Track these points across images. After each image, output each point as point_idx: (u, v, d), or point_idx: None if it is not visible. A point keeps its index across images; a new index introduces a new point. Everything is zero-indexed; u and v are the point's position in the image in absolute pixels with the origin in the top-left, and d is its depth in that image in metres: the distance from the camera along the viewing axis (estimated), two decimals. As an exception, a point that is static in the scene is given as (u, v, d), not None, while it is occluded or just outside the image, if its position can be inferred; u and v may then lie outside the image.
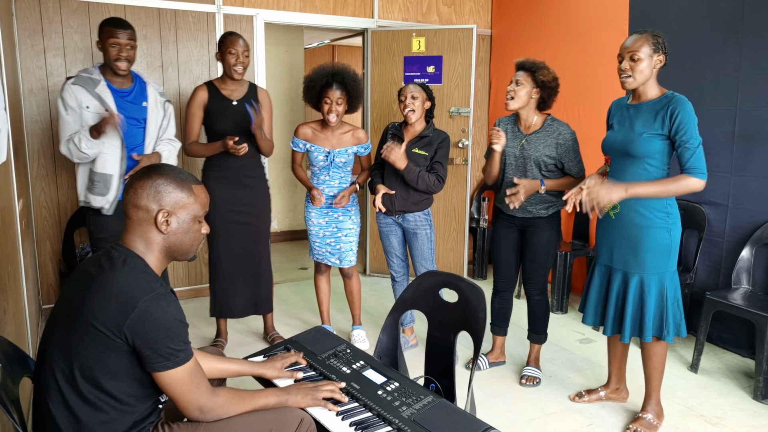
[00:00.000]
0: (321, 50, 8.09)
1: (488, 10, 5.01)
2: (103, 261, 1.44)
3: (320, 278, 3.40)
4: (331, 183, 3.20)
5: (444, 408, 1.64)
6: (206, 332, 3.59)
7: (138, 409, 1.46)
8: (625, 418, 2.68)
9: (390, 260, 3.32)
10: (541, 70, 2.78)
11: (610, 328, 2.58)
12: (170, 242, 1.49)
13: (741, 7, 3.18)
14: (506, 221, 2.99)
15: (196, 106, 3.07)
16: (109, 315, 1.35)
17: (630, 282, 2.46)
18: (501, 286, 3.09)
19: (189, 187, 1.50)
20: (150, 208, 1.45)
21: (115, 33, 2.72)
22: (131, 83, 2.87)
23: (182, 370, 1.41)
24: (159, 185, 1.46)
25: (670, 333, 2.44)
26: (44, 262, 3.75)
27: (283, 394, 1.63)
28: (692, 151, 2.25)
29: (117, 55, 2.74)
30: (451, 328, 2.07)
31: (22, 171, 3.21)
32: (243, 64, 3.02)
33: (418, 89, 3.05)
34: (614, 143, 2.47)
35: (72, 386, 1.38)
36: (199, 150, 3.09)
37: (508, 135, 2.90)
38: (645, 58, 2.31)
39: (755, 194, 3.18)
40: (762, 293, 3.15)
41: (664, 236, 2.39)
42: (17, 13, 3.47)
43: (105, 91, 2.75)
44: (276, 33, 5.54)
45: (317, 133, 3.18)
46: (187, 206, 1.49)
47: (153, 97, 2.91)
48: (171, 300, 1.41)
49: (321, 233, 3.26)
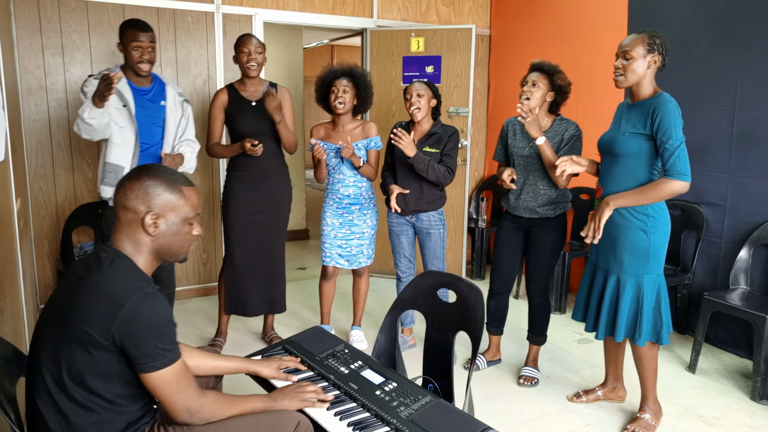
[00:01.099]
0: (320, 50, 8.09)
1: (487, 10, 5.01)
2: (91, 262, 1.43)
3: (325, 284, 3.38)
4: (346, 182, 3.19)
5: (442, 408, 1.64)
6: (206, 332, 3.59)
7: (131, 409, 1.45)
8: (623, 418, 2.68)
9: (397, 260, 3.31)
10: (559, 74, 2.79)
11: (591, 324, 2.60)
12: (159, 244, 1.48)
13: (739, 8, 3.18)
14: (511, 222, 2.98)
15: (217, 108, 3.14)
16: (98, 316, 1.34)
17: (608, 280, 2.49)
18: (497, 289, 3.07)
19: (179, 189, 1.48)
20: (138, 209, 1.44)
21: (137, 36, 2.78)
22: (151, 83, 2.92)
23: (170, 371, 1.39)
24: (148, 186, 1.44)
25: (642, 336, 2.42)
26: (42, 261, 3.75)
27: (269, 399, 1.62)
28: (671, 152, 2.24)
29: (140, 58, 2.80)
30: (450, 329, 2.07)
31: (20, 170, 3.20)
32: (256, 61, 3.07)
33: (423, 87, 3.04)
34: (603, 142, 2.51)
35: (61, 388, 1.37)
36: (220, 151, 3.18)
37: (516, 136, 2.91)
38: (638, 58, 2.32)
39: (753, 195, 3.19)
40: (760, 294, 3.16)
41: (642, 238, 2.37)
42: (15, 12, 3.46)
43: (125, 87, 2.81)
44: (275, 33, 5.54)
45: (329, 131, 3.21)
46: (177, 208, 1.47)
47: (172, 96, 2.96)
48: (159, 299, 1.40)
49: (332, 233, 3.26)
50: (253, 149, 2.96)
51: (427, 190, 3.08)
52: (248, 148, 2.97)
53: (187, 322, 3.74)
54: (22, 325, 2.63)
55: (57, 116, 3.66)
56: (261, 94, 3.14)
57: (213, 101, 3.16)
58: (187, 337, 3.48)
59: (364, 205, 3.24)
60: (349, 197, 3.20)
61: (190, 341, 3.41)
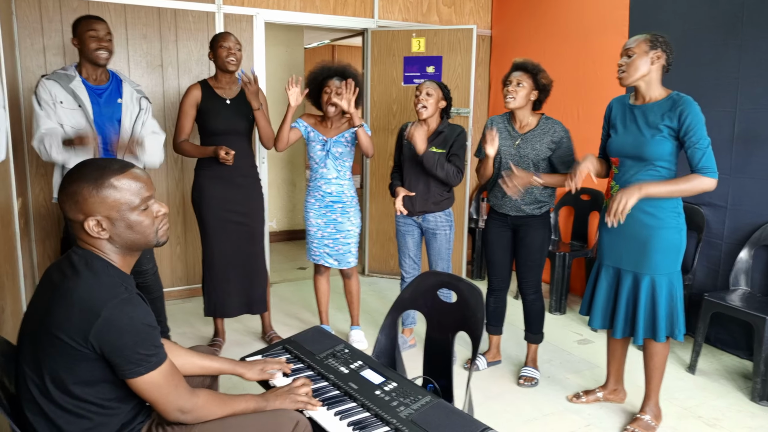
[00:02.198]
0: (321, 50, 8.10)
1: (488, 10, 5.01)
2: (64, 267, 1.38)
3: (319, 279, 3.40)
4: (329, 176, 3.18)
5: (442, 408, 1.64)
6: (204, 332, 3.59)
7: (122, 410, 1.43)
8: (622, 419, 2.68)
9: (402, 260, 3.31)
10: (541, 73, 2.82)
11: (620, 330, 2.55)
12: (119, 242, 1.40)
13: (741, 10, 3.18)
14: (498, 220, 3.00)
15: (188, 104, 3.07)
16: (73, 325, 1.29)
17: (641, 283, 2.45)
18: (495, 285, 3.09)
19: (108, 184, 1.35)
20: (77, 218, 1.35)
21: (92, 24, 2.72)
22: (108, 80, 2.84)
23: (157, 374, 1.36)
24: (74, 194, 1.34)
25: (681, 332, 2.45)
26: (42, 260, 3.75)
27: (261, 400, 1.61)
28: (702, 151, 2.26)
29: (98, 46, 2.72)
30: (450, 329, 2.07)
31: (20, 170, 3.21)
32: (236, 57, 3.03)
33: (434, 87, 3.03)
34: (624, 146, 2.45)
35: (47, 398, 1.34)
36: (190, 150, 3.10)
37: (503, 134, 2.92)
38: (640, 54, 2.33)
39: (754, 196, 3.19)
40: (760, 295, 3.16)
41: (675, 236, 2.39)
42: (17, 12, 3.47)
43: (79, 87, 2.72)
44: (276, 33, 5.55)
45: (318, 124, 3.21)
46: (116, 204, 1.35)
47: (128, 93, 2.87)
48: (136, 304, 1.35)
49: (319, 234, 3.25)
50: (226, 158, 2.90)
51: (434, 190, 3.09)
52: (222, 156, 2.90)
53: (186, 321, 3.74)
54: (23, 324, 2.63)
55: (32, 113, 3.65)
56: (236, 93, 3.11)
57: (185, 96, 3.07)
58: (187, 337, 3.49)
59: (347, 203, 3.23)
60: (331, 195, 3.19)
61: (189, 341, 3.41)
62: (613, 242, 2.53)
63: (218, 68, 3.07)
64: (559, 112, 3.92)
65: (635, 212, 2.38)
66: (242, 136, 3.09)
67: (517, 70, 2.84)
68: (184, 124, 3.09)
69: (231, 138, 3.05)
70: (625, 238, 2.47)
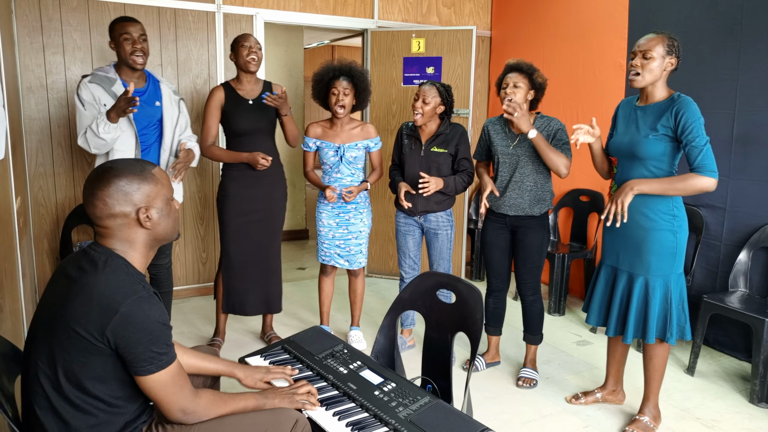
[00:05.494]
0: (321, 50, 8.10)
1: (488, 11, 5.01)
2: (83, 262, 1.41)
3: (324, 280, 3.39)
4: (343, 181, 3.19)
5: (440, 409, 1.64)
6: (204, 331, 3.59)
7: (128, 409, 1.45)
8: (621, 420, 2.68)
9: (402, 260, 3.31)
10: (536, 73, 2.83)
11: (613, 328, 2.58)
12: (156, 232, 1.48)
13: (740, 12, 3.18)
14: (496, 221, 3.00)
15: (213, 106, 3.09)
16: (91, 319, 1.32)
17: (635, 283, 2.46)
18: (495, 286, 3.09)
19: (151, 176, 1.47)
20: (126, 212, 1.42)
21: (126, 27, 2.75)
22: (145, 83, 2.89)
23: (166, 373, 1.39)
24: (124, 187, 1.42)
25: (673, 335, 2.44)
26: (41, 260, 3.75)
27: (261, 398, 1.61)
28: (699, 149, 2.23)
29: (132, 48, 2.75)
30: (449, 329, 2.07)
31: (20, 169, 3.21)
32: (257, 56, 3.06)
33: (433, 93, 3.02)
34: (620, 145, 2.46)
35: (58, 392, 1.37)
36: (221, 155, 3.12)
37: (499, 135, 2.93)
38: (657, 58, 2.30)
39: (753, 198, 3.19)
40: (759, 296, 3.16)
41: (669, 239, 2.38)
42: (17, 10, 3.47)
43: (121, 90, 2.76)
44: (276, 33, 5.55)
45: (327, 130, 3.20)
46: (159, 194, 1.47)
47: (167, 95, 2.93)
48: (154, 303, 1.39)
49: (330, 234, 3.25)
50: (264, 164, 2.96)
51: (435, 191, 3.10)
52: (261, 163, 2.95)
53: (186, 321, 3.74)
54: (21, 324, 2.63)
55: (57, 115, 3.66)
56: (257, 93, 3.12)
57: (209, 99, 3.10)
58: (186, 337, 3.48)
59: (360, 204, 3.24)
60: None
61: (188, 341, 3.41)
62: (613, 242, 2.54)
63: (239, 68, 3.09)
64: (559, 113, 3.92)
65: (632, 213, 2.39)
66: (266, 135, 3.12)
67: (511, 71, 2.85)
68: (210, 126, 3.11)
69: (256, 138, 3.06)
70: (622, 238, 2.47)
